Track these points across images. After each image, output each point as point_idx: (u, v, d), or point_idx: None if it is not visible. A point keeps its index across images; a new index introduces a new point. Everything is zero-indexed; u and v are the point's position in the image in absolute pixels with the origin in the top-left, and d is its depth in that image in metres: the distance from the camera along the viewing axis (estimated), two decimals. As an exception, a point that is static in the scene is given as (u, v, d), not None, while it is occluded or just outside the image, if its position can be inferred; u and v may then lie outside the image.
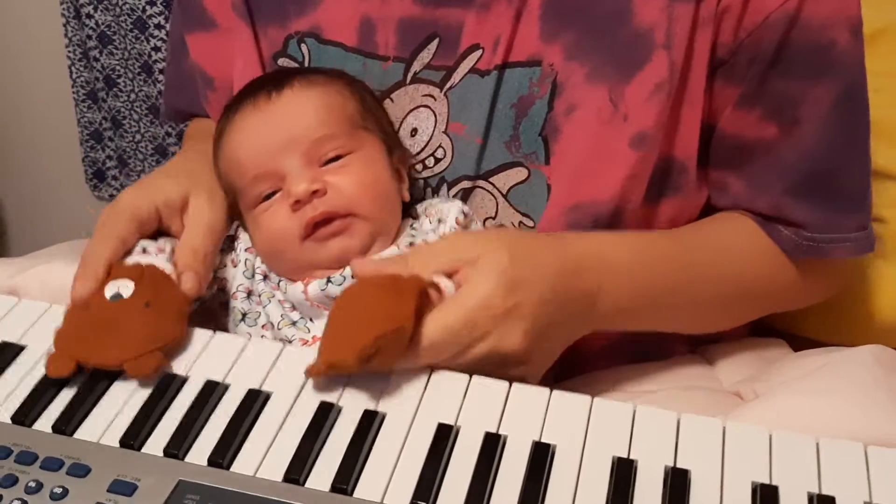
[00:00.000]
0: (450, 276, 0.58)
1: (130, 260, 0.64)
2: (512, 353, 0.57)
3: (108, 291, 0.61)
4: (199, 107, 0.85)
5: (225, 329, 0.70)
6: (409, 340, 0.56)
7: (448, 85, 0.69)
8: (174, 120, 0.95)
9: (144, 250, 0.66)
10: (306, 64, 0.73)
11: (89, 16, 1.36)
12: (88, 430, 0.56)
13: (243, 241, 0.71)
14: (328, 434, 0.55)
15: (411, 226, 0.70)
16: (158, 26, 1.31)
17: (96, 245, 0.64)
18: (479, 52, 0.67)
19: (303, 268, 0.66)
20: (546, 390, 0.57)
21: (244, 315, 0.68)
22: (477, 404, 0.57)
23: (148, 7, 1.30)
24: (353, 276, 0.62)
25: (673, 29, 0.63)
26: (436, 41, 0.69)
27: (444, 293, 0.58)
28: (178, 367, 0.60)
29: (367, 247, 0.66)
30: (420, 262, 0.59)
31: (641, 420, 0.55)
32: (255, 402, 0.57)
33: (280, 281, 0.68)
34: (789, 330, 0.77)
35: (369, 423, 0.55)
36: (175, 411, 0.57)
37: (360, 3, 0.71)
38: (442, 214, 0.68)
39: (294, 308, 0.67)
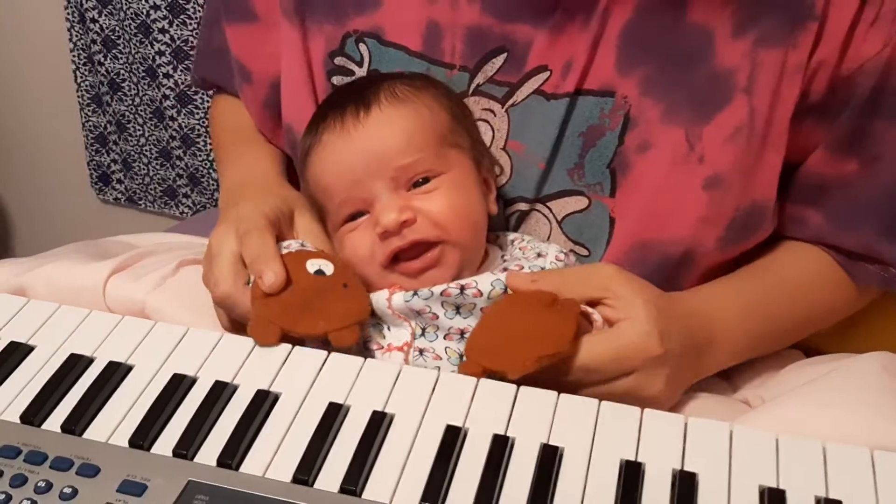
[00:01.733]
0: (593, 304, 0.61)
1: (290, 245, 0.66)
2: (650, 396, 0.59)
3: (311, 267, 0.63)
4: (226, 81, 0.86)
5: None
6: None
7: (510, 102, 0.68)
8: (201, 86, 0.95)
9: (303, 246, 0.67)
10: (365, 65, 0.72)
11: (94, 20, 1.36)
12: (98, 430, 0.56)
13: None
14: (336, 435, 0.55)
15: (502, 256, 0.69)
16: (162, 31, 1.32)
17: (256, 240, 0.63)
18: (546, 74, 0.66)
19: (386, 285, 0.65)
20: (554, 393, 0.57)
21: None
22: (485, 406, 0.57)
23: (152, 11, 1.30)
24: (507, 289, 0.62)
25: (756, 75, 0.62)
26: (503, 56, 0.68)
27: (595, 323, 0.60)
28: (188, 367, 0.60)
29: (455, 276, 0.65)
30: (570, 285, 0.60)
31: (649, 423, 0.55)
32: (263, 402, 0.57)
33: None
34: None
35: (378, 424, 0.56)
36: (184, 412, 0.57)
37: (426, 7, 0.69)
38: (541, 249, 0.67)
39: (373, 314, 0.66)
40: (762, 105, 0.63)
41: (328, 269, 0.64)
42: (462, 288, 0.62)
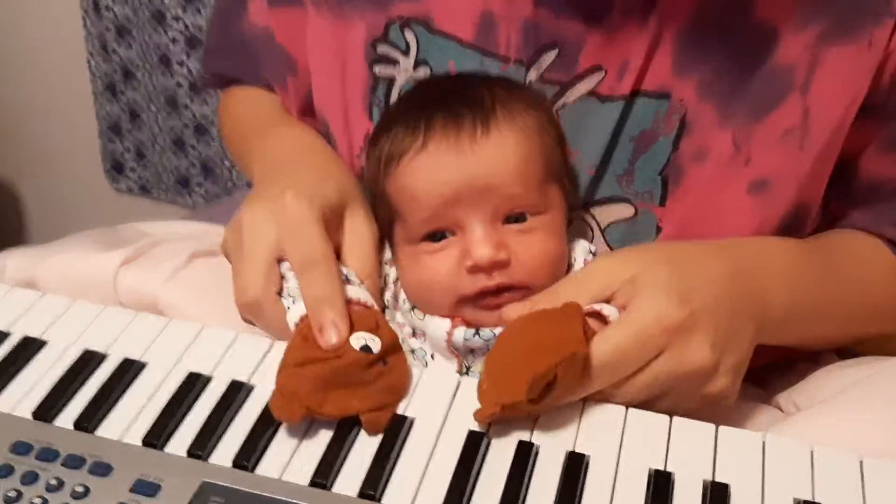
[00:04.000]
0: (607, 301, 0.55)
1: (349, 293, 0.59)
2: (700, 368, 0.53)
3: (357, 343, 0.56)
4: (248, 74, 0.81)
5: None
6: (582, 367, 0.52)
7: (561, 102, 0.64)
8: (212, 85, 0.88)
9: (348, 279, 0.60)
10: (412, 54, 0.67)
11: (108, 8, 1.35)
12: (111, 428, 0.55)
13: (386, 253, 0.66)
14: (356, 438, 0.54)
15: None
16: (176, 18, 1.30)
17: (323, 279, 0.57)
18: (600, 75, 0.62)
19: (449, 312, 0.61)
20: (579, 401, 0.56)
21: None
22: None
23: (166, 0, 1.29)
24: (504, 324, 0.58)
25: (815, 72, 0.59)
26: (555, 52, 0.63)
27: (608, 319, 0.54)
28: (203, 366, 0.59)
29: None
30: (571, 292, 0.55)
31: (679, 431, 0.54)
32: (281, 403, 0.56)
33: (414, 308, 0.63)
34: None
35: (398, 428, 0.54)
36: (199, 411, 0.56)
37: None
38: (570, 258, 0.63)
39: (414, 335, 0.63)
40: (818, 106, 0.59)
41: (375, 346, 0.57)
42: None
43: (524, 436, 0.54)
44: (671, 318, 0.52)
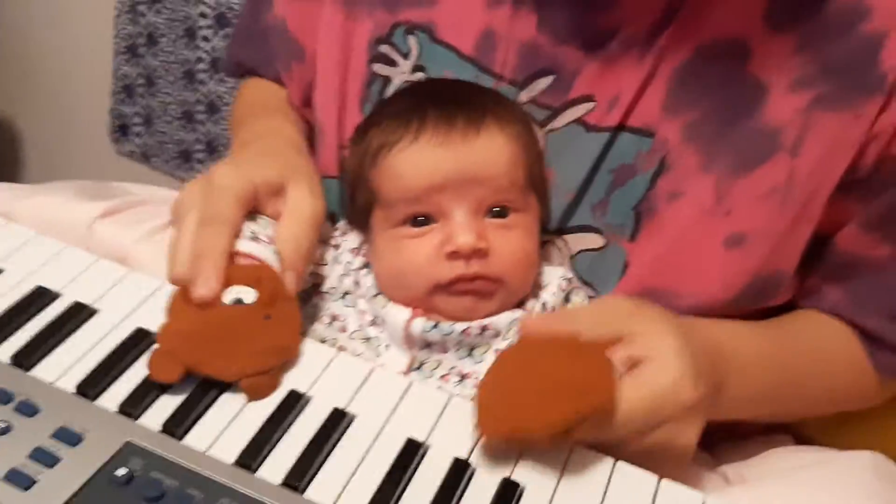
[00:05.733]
0: (612, 341, 0.54)
1: (241, 246, 0.58)
2: (682, 447, 0.53)
3: (228, 298, 0.56)
4: (265, 65, 0.82)
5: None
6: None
7: (550, 126, 0.65)
8: (233, 73, 0.89)
9: (255, 237, 0.59)
10: (412, 58, 0.69)
11: (146, -29, 1.35)
12: (47, 370, 0.54)
13: (350, 240, 0.67)
14: (292, 423, 0.53)
15: None
16: (210, -6, 1.30)
17: (210, 238, 0.57)
18: (590, 105, 0.63)
19: (415, 302, 0.61)
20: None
21: (332, 318, 0.65)
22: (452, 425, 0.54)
23: (204, -26, 1.29)
24: (519, 334, 0.57)
25: (805, 136, 0.59)
26: (551, 78, 0.65)
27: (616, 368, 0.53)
28: (154, 323, 0.57)
29: (494, 313, 0.61)
30: (586, 325, 0.54)
31: (619, 479, 0.52)
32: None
33: (378, 294, 0.63)
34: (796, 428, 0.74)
35: (337, 422, 0.53)
36: (139, 368, 0.55)
37: (485, 12, 0.66)
38: (542, 279, 0.64)
39: (374, 324, 0.63)
40: (804, 169, 0.59)
41: (248, 297, 0.56)
42: (483, 329, 0.60)
43: (462, 453, 0.52)
44: (686, 396, 0.52)
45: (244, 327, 0.55)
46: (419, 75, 0.69)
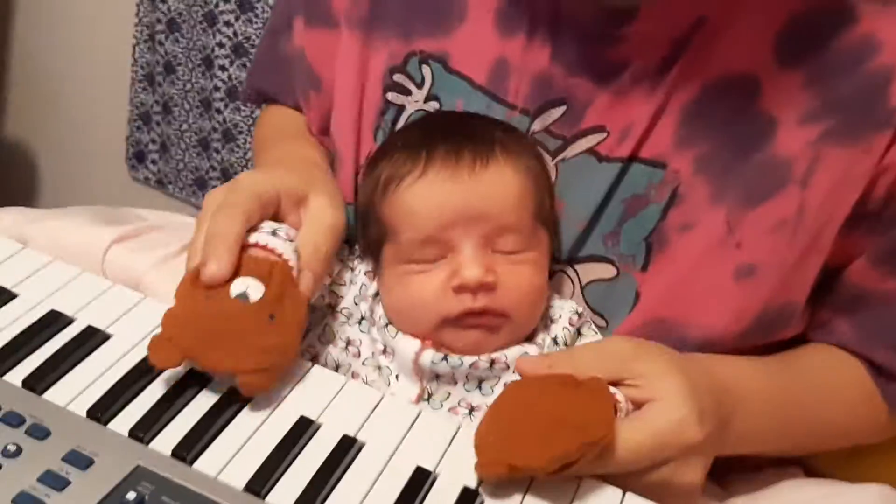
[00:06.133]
0: (613, 384, 0.55)
1: (258, 237, 0.58)
2: (687, 485, 0.53)
3: (235, 289, 0.55)
4: (285, 93, 0.82)
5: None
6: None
7: (561, 156, 0.65)
8: (253, 101, 0.91)
9: (275, 232, 0.59)
10: (426, 87, 0.69)
11: (163, 0, 1.37)
12: (58, 394, 0.54)
13: (366, 263, 0.67)
14: (302, 449, 0.53)
15: None
16: (227, 24, 1.32)
17: (223, 221, 0.57)
18: (602, 135, 0.64)
19: (424, 334, 0.61)
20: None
21: (347, 343, 0.65)
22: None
23: (221, 3, 1.31)
24: (516, 373, 0.57)
25: (815, 169, 0.59)
26: (563, 108, 0.65)
27: (618, 405, 0.53)
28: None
29: (502, 347, 0.61)
30: (586, 366, 0.54)
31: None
32: (234, 402, 0.55)
33: (389, 324, 0.63)
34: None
35: (346, 449, 0.53)
36: (151, 393, 0.55)
37: (499, 43, 0.67)
38: (553, 312, 0.64)
39: (385, 353, 0.63)
40: (814, 202, 0.60)
41: (256, 293, 0.55)
42: (492, 363, 0.60)
43: (471, 482, 0.52)
44: (691, 435, 0.53)
45: (245, 324, 0.55)
46: (433, 104, 0.69)
